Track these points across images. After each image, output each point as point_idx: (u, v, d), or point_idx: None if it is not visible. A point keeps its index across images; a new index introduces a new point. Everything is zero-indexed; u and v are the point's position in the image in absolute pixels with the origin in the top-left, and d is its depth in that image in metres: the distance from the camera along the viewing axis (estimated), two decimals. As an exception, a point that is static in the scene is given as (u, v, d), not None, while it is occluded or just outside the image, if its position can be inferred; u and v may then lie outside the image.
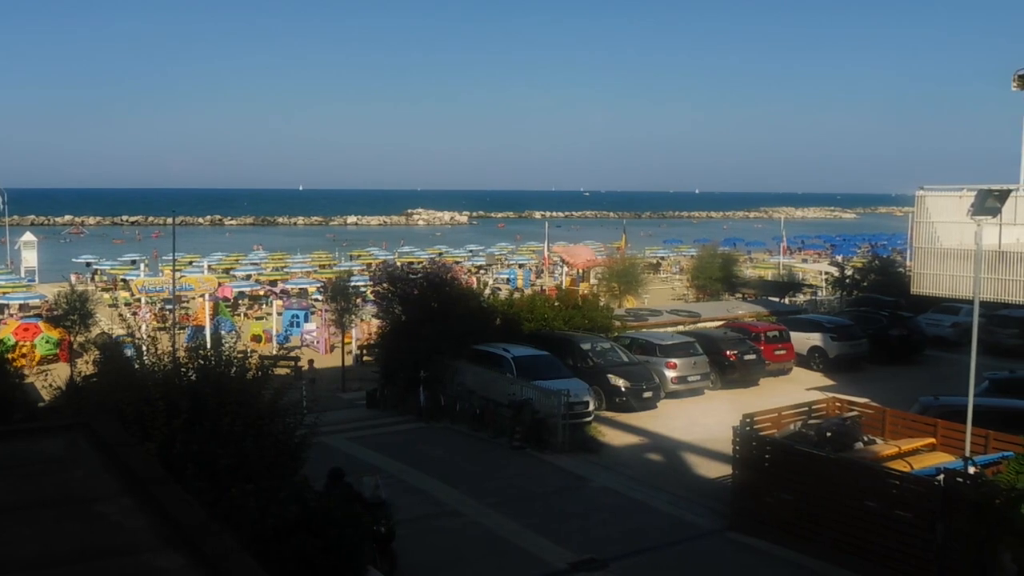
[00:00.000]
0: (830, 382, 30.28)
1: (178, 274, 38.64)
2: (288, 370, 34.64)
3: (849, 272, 50.17)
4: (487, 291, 38.56)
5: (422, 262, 48.66)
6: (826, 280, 56.71)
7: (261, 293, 58.94)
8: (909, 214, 20.58)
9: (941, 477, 14.36)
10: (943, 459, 16.46)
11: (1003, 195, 14.86)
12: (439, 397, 26.31)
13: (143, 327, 33.82)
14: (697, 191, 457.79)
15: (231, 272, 70.35)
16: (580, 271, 57.39)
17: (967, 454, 15.46)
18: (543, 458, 21.83)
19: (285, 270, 74.18)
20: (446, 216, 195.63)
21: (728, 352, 29.39)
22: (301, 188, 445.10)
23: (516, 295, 39.74)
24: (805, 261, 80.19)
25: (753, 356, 29.93)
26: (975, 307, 15.78)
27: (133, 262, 72.81)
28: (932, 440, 17.86)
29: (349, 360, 35.54)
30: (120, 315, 23.68)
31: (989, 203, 14.63)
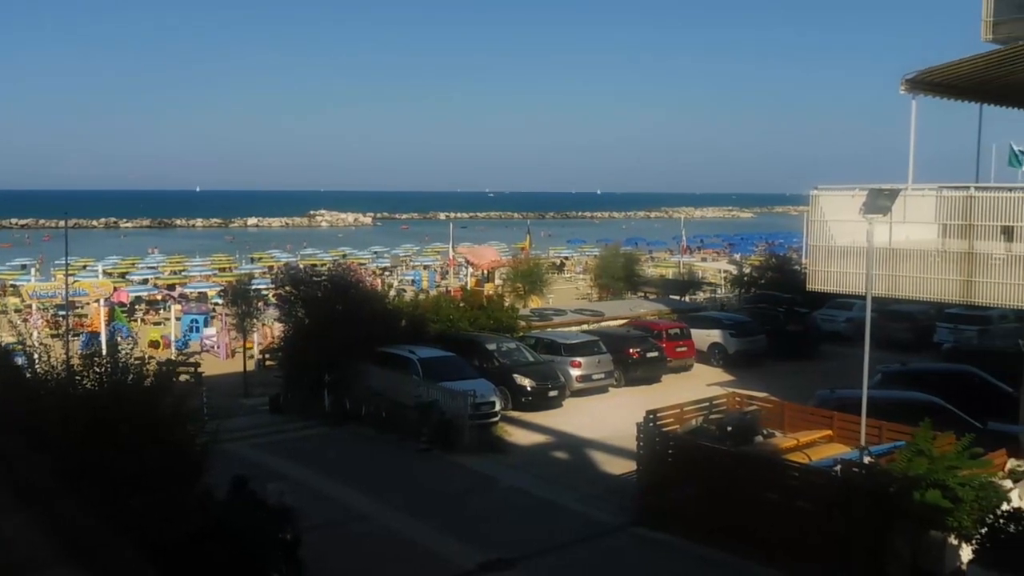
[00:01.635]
0: (730, 377, 30.94)
1: (71, 279, 37.38)
2: (188, 377, 33.85)
3: (747, 270, 51.38)
4: (392, 293, 38.25)
5: (326, 264, 48.13)
6: (725, 278, 57.97)
7: (159, 298, 57.47)
8: (804, 213, 21.16)
9: (838, 468, 14.79)
10: (840, 450, 16.96)
11: (893, 194, 15.37)
12: (344, 401, 26.02)
13: (35, 334, 32.63)
14: (599, 191, 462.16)
15: (127, 276, 68.54)
16: (485, 272, 57.38)
17: (862, 445, 15.95)
18: (450, 459, 21.78)
19: (183, 273, 72.51)
20: (350, 217, 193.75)
21: (631, 350, 29.79)
22: (198, 189, 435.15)
23: (421, 296, 39.57)
24: (705, 260, 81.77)
25: (656, 353, 30.41)
26: (867, 303, 16.27)
27: (23, 266, 70.25)
28: (829, 432, 18.39)
29: (251, 365, 34.89)
30: (10, 322, 22.82)
31: (880, 202, 15.12)
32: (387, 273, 72.75)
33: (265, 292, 45.77)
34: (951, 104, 20.60)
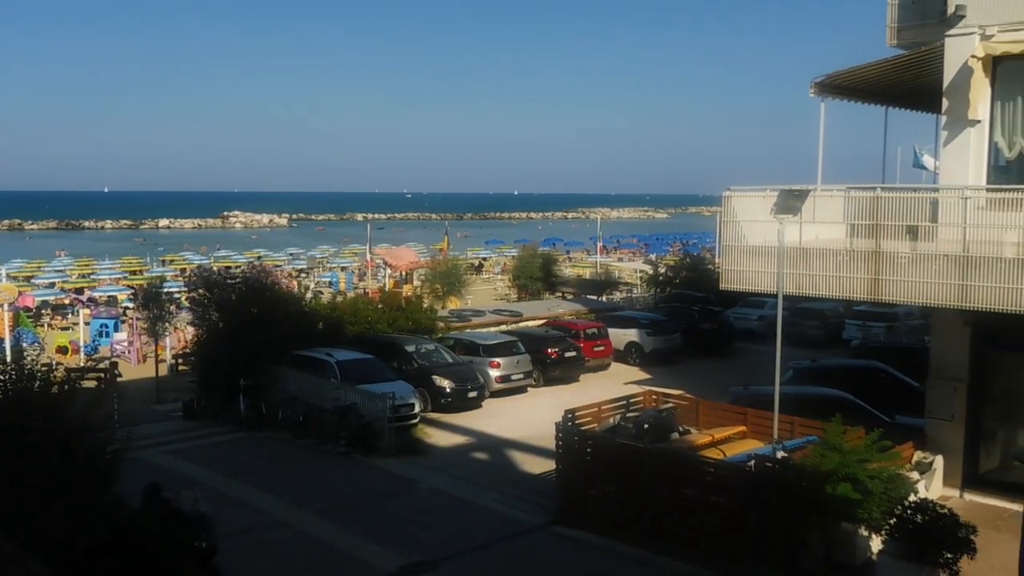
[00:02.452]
0: (647, 376, 31.32)
1: (-28, 284, 36.13)
2: (97, 383, 33.00)
3: (662, 270, 51.98)
4: (309, 295, 37.79)
5: (240, 266, 47.33)
6: (641, 278, 58.59)
7: (66, 302, 55.95)
8: (717, 214, 21.48)
9: (752, 463, 15.06)
10: (753, 445, 17.27)
11: (803, 195, 15.73)
12: (260, 405, 25.63)
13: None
14: (517, 192, 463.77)
15: (32, 280, 66.54)
16: (403, 273, 57.16)
17: (775, 440, 16.27)
18: (370, 462, 21.62)
19: (92, 277, 70.73)
20: (265, 219, 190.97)
21: (550, 350, 29.95)
22: (107, 190, 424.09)
23: (339, 298, 39.15)
24: (621, 260, 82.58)
25: (574, 353, 30.62)
26: (779, 301, 16.61)
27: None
28: (743, 428, 18.72)
29: (164, 370, 34.17)
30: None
31: (790, 202, 15.46)
32: (303, 275, 71.95)
33: (178, 295, 44.89)
34: (859, 107, 21.18)
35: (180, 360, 36.51)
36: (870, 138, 21.68)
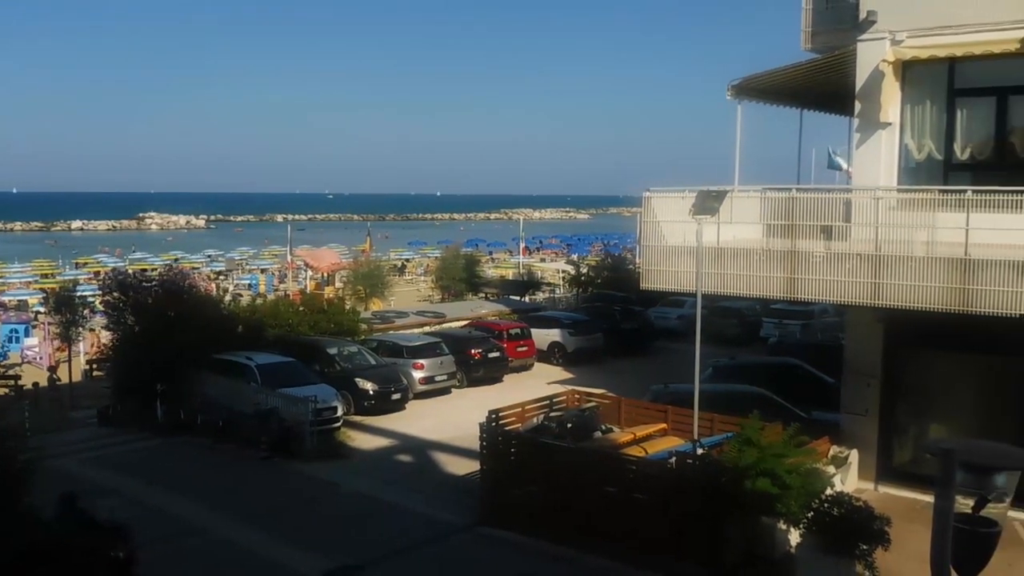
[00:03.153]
0: (570, 375, 31.54)
1: None
2: (7, 390, 32.08)
3: (584, 270, 52.43)
4: (228, 298, 37.29)
5: (157, 269, 46.40)
6: (563, 278, 59.00)
7: (-27, 307, 54.15)
8: (637, 214, 21.72)
9: (673, 460, 15.27)
10: (674, 443, 17.50)
11: (720, 195, 15.99)
12: (179, 410, 25.16)
13: None
14: (439, 193, 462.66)
15: (-64, 285, 64.28)
16: (325, 275, 56.61)
17: (695, 437, 16.52)
18: (292, 467, 21.37)
19: (1, 281, 68.56)
20: (182, 220, 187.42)
21: (473, 351, 29.98)
22: (15, 191, 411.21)
23: (259, 301, 38.66)
24: (543, 260, 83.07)
25: (497, 354, 30.70)
26: (698, 300, 16.86)
27: None
28: (664, 425, 18.97)
29: (78, 376, 33.31)
30: None
31: (708, 203, 15.70)
32: (222, 277, 70.91)
33: (92, 299, 43.81)
34: (775, 109, 21.62)
35: (95, 365, 35.66)
36: (786, 140, 22.22)
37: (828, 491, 14.46)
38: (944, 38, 17.06)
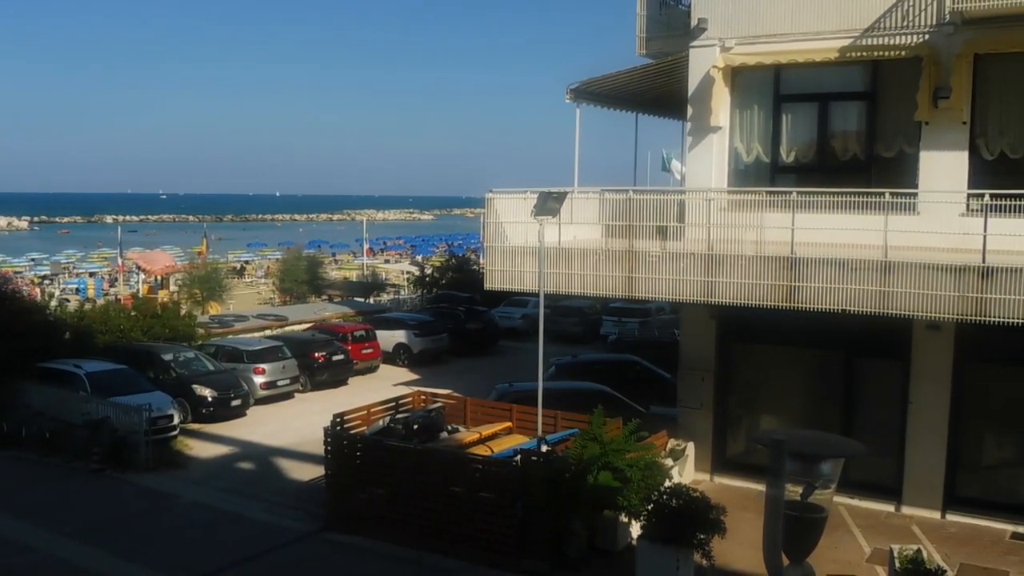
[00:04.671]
0: (415, 376, 31.47)
1: None
2: None
3: (429, 271, 52.42)
4: (54, 303, 35.41)
5: (-26, 274, 43.63)
6: (408, 279, 58.78)
7: None
8: (481, 215, 21.91)
9: (518, 457, 15.44)
10: (519, 441, 17.70)
11: (561, 197, 16.26)
12: (1, 423, 23.75)
13: None
14: (278, 194, 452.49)
15: None
16: (158, 278, 54.70)
17: (539, 434, 16.75)
18: (126, 479, 20.50)
19: None
20: (2, 221, 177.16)
21: (317, 354, 29.52)
22: None
23: (88, 306, 36.93)
24: (388, 262, 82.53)
25: (342, 356, 30.34)
26: (540, 300, 17.08)
27: None
28: (509, 424, 19.14)
29: None
30: None
31: (549, 204, 15.94)
32: (47, 282, 67.42)
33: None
34: (614, 113, 22.13)
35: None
36: (625, 143, 22.80)
37: (667, 483, 14.91)
38: (770, 46, 17.87)
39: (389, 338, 34.10)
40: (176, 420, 23.25)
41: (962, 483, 17.24)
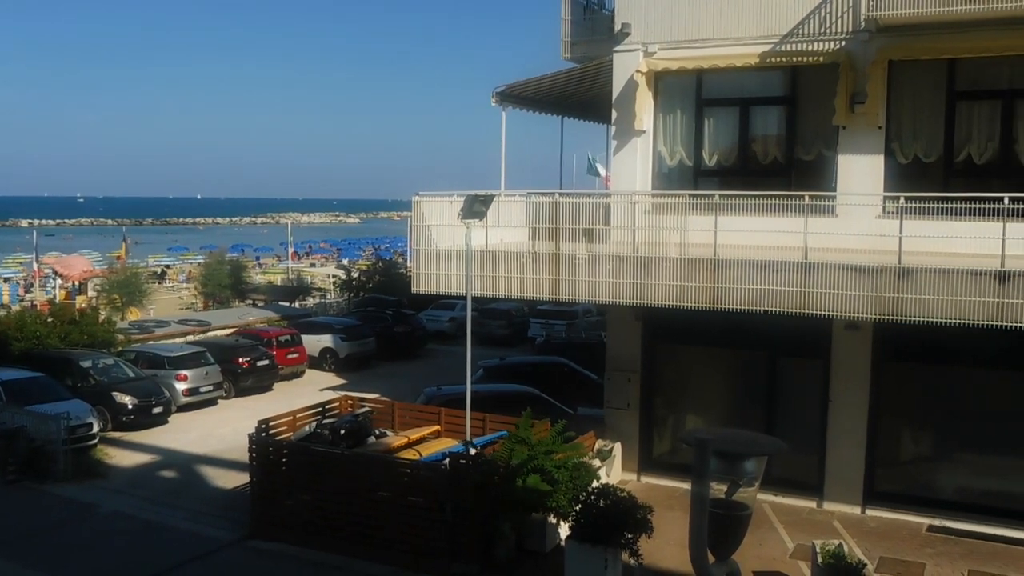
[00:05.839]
0: (342, 381, 31.22)
1: None
2: None
3: (355, 274, 52.03)
4: (-35, 310, 34.43)
5: None
6: (334, 283, 58.26)
7: None
8: (408, 218, 21.82)
9: (447, 461, 15.41)
10: (448, 444, 17.67)
11: (488, 200, 16.28)
12: (-91, 435, 22.92)
13: None
14: (200, 196, 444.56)
15: None
16: (76, 283, 53.33)
17: (468, 437, 16.75)
18: (44, 489, 19.92)
19: None
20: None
21: (240, 359, 29.10)
22: None
23: (2, 312, 35.90)
24: (313, 265, 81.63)
25: (266, 362, 29.95)
26: (468, 303, 17.09)
27: None
28: (437, 427, 19.10)
29: None
30: None
31: (476, 207, 15.95)
32: (-42, 288, 65.26)
33: None
34: (541, 117, 22.23)
35: None
36: (551, 146, 22.91)
37: (594, 484, 15.00)
38: (692, 51, 18.14)
39: (315, 343, 33.76)
40: (95, 428, 22.69)
41: (881, 479, 17.69)
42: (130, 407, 24.71)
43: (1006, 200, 14.09)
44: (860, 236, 15.44)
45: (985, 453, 17.11)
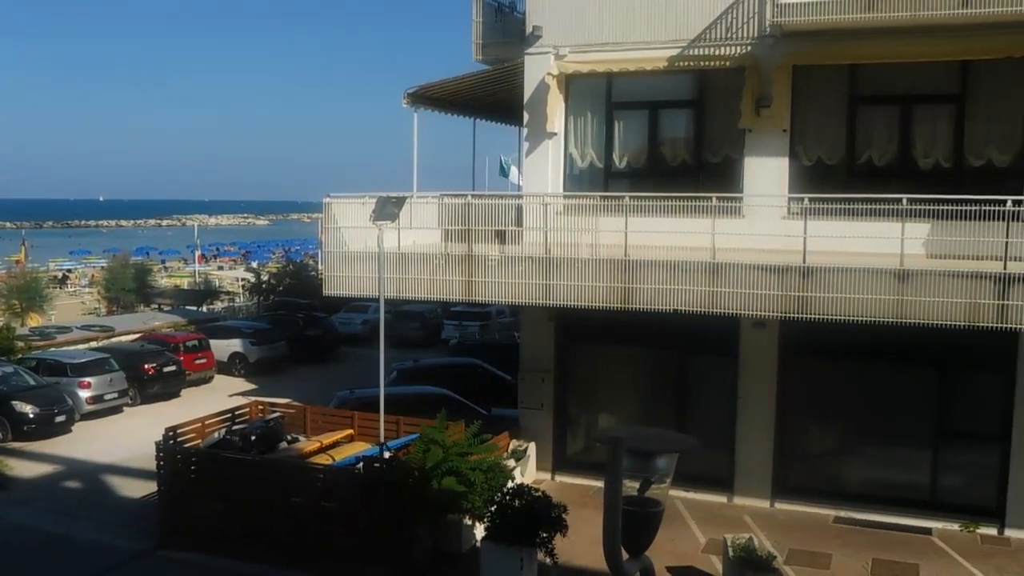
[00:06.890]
0: (253, 386, 30.73)
1: None
2: None
3: (265, 277, 51.28)
4: None
5: None
6: (243, 286, 57.31)
7: None
8: (318, 220, 21.59)
9: (360, 465, 15.30)
10: (362, 448, 17.55)
11: (400, 202, 16.19)
12: None
13: None
14: (102, 199, 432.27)
15: None
16: (-28, 289, 51.43)
17: (382, 441, 16.65)
18: (-62, 503, 19.21)
19: None
20: None
21: (146, 366, 28.42)
22: None
23: None
24: (221, 268, 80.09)
25: (173, 367, 29.30)
26: (381, 305, 16.98)
27: None
28: (351, 431, 18.94)
29: None
30: None
31: (388, 209, 15.86)
32: None
33: None
34: (453, 118, 22.22)
35: None
36: (464, 148, 22.86)
37: (509, 484, 15.07)
38: (602, 54, 18.33)
39: (224, 347, 33.15)
40: (-6, 439, 21.97)
41: (789, 473, 18.14)
42: (31, 416, 23.94)
43: (904, 201, 14.57)
44: (766, 236, 15.81)
45: (886, 446, 17.67)
